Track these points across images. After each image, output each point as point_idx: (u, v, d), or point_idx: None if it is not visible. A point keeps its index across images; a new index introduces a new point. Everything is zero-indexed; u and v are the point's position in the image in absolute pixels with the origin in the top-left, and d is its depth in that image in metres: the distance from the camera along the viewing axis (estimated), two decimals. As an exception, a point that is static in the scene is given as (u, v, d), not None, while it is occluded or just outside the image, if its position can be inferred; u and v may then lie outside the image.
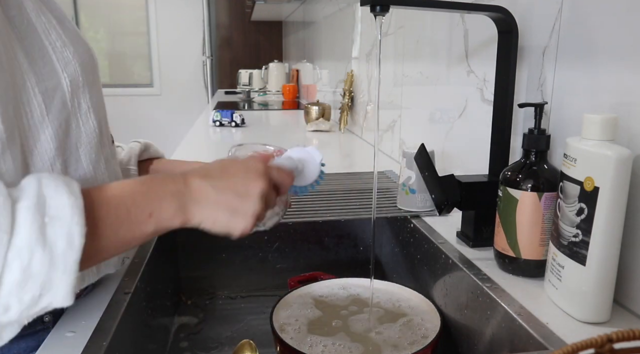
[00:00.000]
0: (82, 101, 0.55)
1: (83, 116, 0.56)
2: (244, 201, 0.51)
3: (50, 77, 0.52)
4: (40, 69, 0.51)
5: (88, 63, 0.56)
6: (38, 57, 0.51)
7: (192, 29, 4.81)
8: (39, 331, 0.56)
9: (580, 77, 0.65)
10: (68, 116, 0.54)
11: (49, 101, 0.52)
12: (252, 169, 0.53)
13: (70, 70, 0.53)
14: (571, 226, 0.55)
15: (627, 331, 0.31)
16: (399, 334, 0.66)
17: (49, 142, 0.52)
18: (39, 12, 0.52)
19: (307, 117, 2.06)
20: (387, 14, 0.64)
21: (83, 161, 0.56)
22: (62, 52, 0.53)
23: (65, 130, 0.54)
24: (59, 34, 0.53)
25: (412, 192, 0.93)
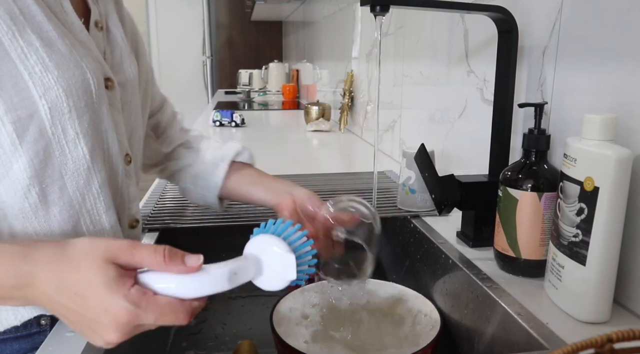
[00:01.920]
0: (69, 127, 0.52)
1: (70, 143, 0.53)
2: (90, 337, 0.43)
3: (24, 105, 0.49)
4: (11, 97, 0.48)
5: (79, 87, 0.53)
6: (9, 85, 0.48)
7: (192, 29, 4.82)
8: (34, 333, 0.56)
9: (580, 77, 0.65)
10: (47, 144, 0.51)
11: (22, 130, 0.49)
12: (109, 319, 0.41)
13: (50, 96, 0.50)
14: (571, 226, 0.55)
15: (627, 331, 0.31)
16: (398, 334, 0.66)
17: (23, 171, 0.50)
18: (17, 35, 0.48)
19: (307, 117, 2.06)
20: (387, 14, 0.64)
21: (69, 187, 0.54)
22: (42, 78, 0.49)
23: (43, 159, 0.51)
24: (41, 58, 0.49)
25: (412, 192, 0.93)
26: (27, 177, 0.51)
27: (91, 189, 0.56)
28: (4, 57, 0.48)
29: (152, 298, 0.41)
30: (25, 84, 0.49)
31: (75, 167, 0.54)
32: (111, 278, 0.40)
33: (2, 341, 0.56)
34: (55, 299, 0.42)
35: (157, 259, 0.41)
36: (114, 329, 0.41)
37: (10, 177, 0.50)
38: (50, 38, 0.51)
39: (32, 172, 0.51)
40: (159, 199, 1.04)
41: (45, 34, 0.50)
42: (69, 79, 0.51)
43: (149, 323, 0.42)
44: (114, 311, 0.40)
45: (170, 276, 0.42)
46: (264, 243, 0.46)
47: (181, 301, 0.42)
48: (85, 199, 0.56)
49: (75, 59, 0.53)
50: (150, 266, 0.42)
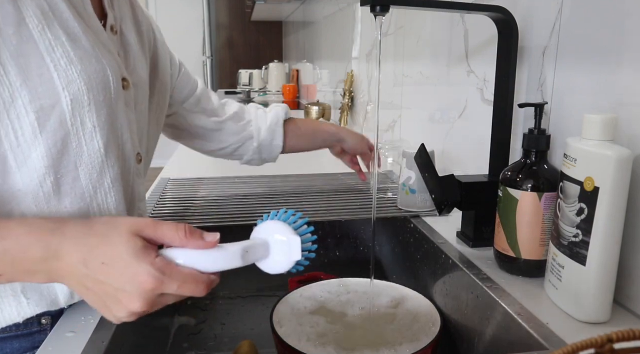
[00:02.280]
0: (87, 120, 0.54)
1: (87, 135, 0.55)
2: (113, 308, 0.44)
3: (48, 95, 0.51)
4: (36, 87, 0.50)
5: (99, 82, 0.55)
6: (35, 75, 0.50)
7: (192, 29, 4.82)
8: (35, 332, 0.56)
9: (580, 77, 0.65)
10: (66, 134, 0.53)
11: (44, 119, 0.51)
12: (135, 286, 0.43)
13: (73, 88, 0.52)
14: (571, 226, 0.55)
15: (627, 331, 0.31)
16: (398, 334, 0.66)
17: (41, 159, 0.52)
18: (46, 29, 0.50)
19: (307, 117, 2.06)
20: (387, 14, 0.64)
21: (82, 179, 0.55)
22: (66, 70, 0.52)
23: (61, 149, 0.53)
24: (66, 51, 0.52)
25: (412, 192, 0.93)
26: (43, 166, 0.52)
27: (103, 183, 0.58)
28: (33, 49, 0.50)
29: (175, 267, 0.44)
30: (50, 76, 0.51)
31: (90, 160, 0.56)
32: (138, 248, 0.43)
33: (3, 339, 0.56)
34: (81, 272, 0.43)
35: (178, 234, 0.44)
36: (138, 297, 0.42)
37: (28, 165, 0.52)
38: (76, 34, 0.53)
39: (49, 161, 0.52)
40: (159, 200, 1.04)
41: (71, 30, 0.53)
42: (90, 74, 0.54)
43: (171, 292, 0.43)
44: (140, 277, 0.42)
45: (190, 251, 0.45)
46: (270, 228, 0.49)
47: (201, 273, 0.45)
48: (97, 192, 0.57)
49: (97, 56, 0.55)
50: (171, 241, 0.45)
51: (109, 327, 0.56)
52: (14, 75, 0.49)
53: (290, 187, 1.12)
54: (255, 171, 1.26)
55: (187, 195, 1.06)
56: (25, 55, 0.49)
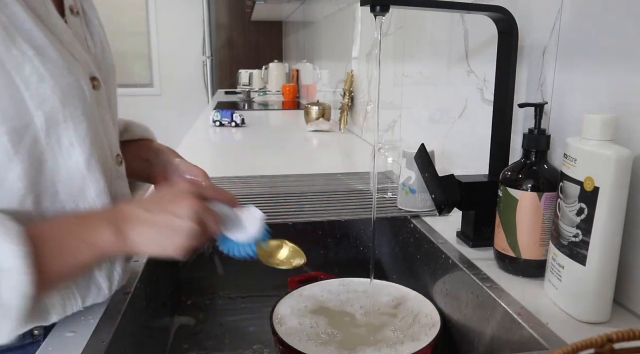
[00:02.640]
0: (63, 136, 0.52)
1: (64, 152, 0.52)
2: (177, 219, 0.52)
3: (19, 116, 0.48)
4: (7, 109, 0.47)
5: (74, 95, 0.52)
6: (5, 97, 0.47)
7: (192, 29, 4.81)
8: (27, 344, 0.55)
9: (580, 77, 0.65)
10: (42, 153, 0.51)
11: (17, 140, 0.48)
12: (181, 191, 0.55)
13: (46, 107, 0.49)
14: (571, 226, 0.55)
15: (627, 331, 0.31)
16: (399, 334, 0.66)
17: (18, 181, 0.50)
18: (10, 46, 0.47)
19: (307, 117, 2.06)
20: (387, 14, 0.64)
21: (61, 195, 0.53)
22: (38, 88, 0.48)
23: (37, 167, 0.51)
24: (36, 68, 0.48)
25: (412, 192, 0.93)
26: (22, 186, 0.50)
27: (85, 197, 0.55)
28: (0, 68, 0.46)
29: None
30: (21, 96, 0.48)
31: (68, 176, 0.53)
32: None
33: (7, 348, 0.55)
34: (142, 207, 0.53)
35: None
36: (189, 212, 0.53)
37: (5, 187, 0.49)
38: (42, 46, 0.50)
39: (27, 181, 0.50)
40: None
41: (36, 41, 0.49)
42: (63, 88, 0.51)
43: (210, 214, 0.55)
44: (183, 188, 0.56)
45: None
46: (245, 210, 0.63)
47: None
48: (78, 205, 0.55)
49: (68, 67, 0.52)
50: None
51: (109, 327, 0.56)
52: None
53: (290, 187, 1.12)
54: (255, 171, 1.26)
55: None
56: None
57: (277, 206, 0.99)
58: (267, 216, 0.79)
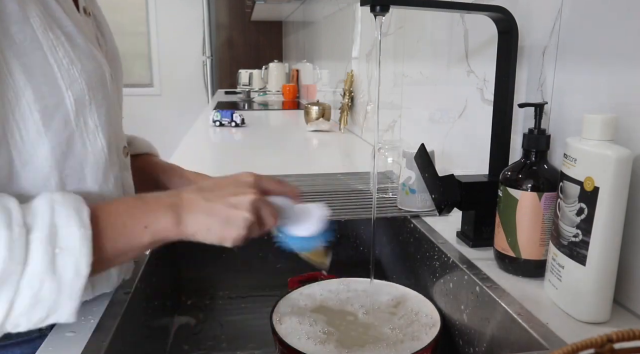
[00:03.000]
0: (90, 119, 0.54)
1: (90, 135, 0.54)
2: (234, 210, 0.54)
3: (52, 95, 0.50)
4: (40, 86, 0.50)
5: (97, 80, 0.55)
6: (39, 75, 0.50)
7: (192, 29, 4.81)
8: (35, 338, 0.55)
9: (580, 77, 0.65)
10: (71, 134, 0.53)
11: (48, 119, 0.51)
12: (242, 182, 0.57)
13: (76, 88, 0.52)
14: (571, 226, 0.55)
15: (627, 331, 0.31)
16: (398, 334, 0.66)
17: (44, 159, 0.51)
18: (47, 29, 0.50)
19: (307, 117, 2.06)
20: (387, 14, 0.64)
21: (88, 180, 0.55)
22: (69, 70, 0.51)
23: (65, 149, 0.53)
24: (67, 51, 0.52)
25: (412, 192, 0.93)
26: (47, 165, 0.52)
27: (108, 182, 0.58)
28: (38, 48, 0.49)
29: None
30: (54, 75, 0.51)
31: (95, 160, 0.56)
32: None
33: (3, 346, 0.56)
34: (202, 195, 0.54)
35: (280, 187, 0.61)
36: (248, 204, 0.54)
37: (32, 164, 0.51)
38: (71, 33, 0.53)
39: (53, 161, 0.52)
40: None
41: (67, 29, 0.53)
42: (89, 73, 0.54)
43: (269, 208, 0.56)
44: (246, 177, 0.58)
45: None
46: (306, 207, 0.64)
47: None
48: (102, 192, 0.57)
49: (92, 54, 0.55)
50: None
51: (109, 327, 0.56)
52: (18, 74, 0.48)
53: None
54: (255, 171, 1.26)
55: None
56: (29, 55, 0.49)
57: (277, 206, 0.99)
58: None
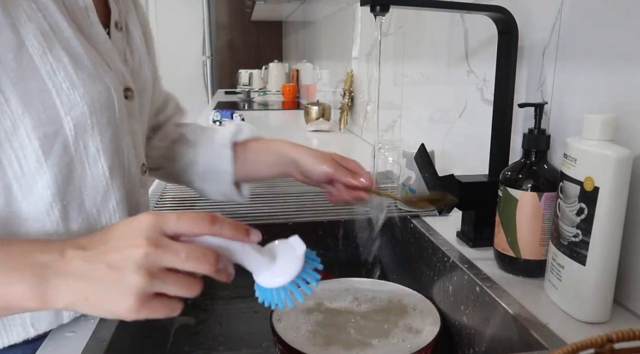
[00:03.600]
0: (91, 144, 0.52)
1: (90, 160, 0.53)
2: (116, 274, 0.40)
3: (50, 122, 0.49)
4: (39, 113, 0.48)
5: (103, 104, 0.53)
6: (37, 102, 0.48)
7: (192, 29, 4.81)
8: (36, 339, 0.55)
9: (580, 77, 0.65)
10: (71, 160, 0.51)
11: (48, 147, 0.49)
12: (132, 229, 0.41)
13: (75, 113, 0.50)
14: (571, 226, 0.55)
15: (627, 331, 0.31)
16: (399, 335, 0.66)
17: (47, 188, 0.50)
18: (47, 51, 0.48)
19: (307, 117, 2.06)
20: (387, 14, 0.64)
21: (87, 205, 0.54)
22: (69, 95, 0.49)
23: (66, 175, 0.51)
24: (69, 74, 0.49)
25: (412, 192, 0.93)
26: (50, 194, 0.50)
27: (108, 205, 0.56)
28: (34, 73, 0.48)
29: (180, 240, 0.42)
30: (53, 101, 0.49)
31: (94, 184, 0.54)
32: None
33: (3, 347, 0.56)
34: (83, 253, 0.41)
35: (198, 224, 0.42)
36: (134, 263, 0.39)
37: (34, 194, 0.50)
38: (78, 54, 0.51)
39: (56, 189, 0.51)
40: (159, 200, 1.04)
41: (73, 49, 0.50)
42: (93, 96, 0.52)
43: (176, 257, 0.40)
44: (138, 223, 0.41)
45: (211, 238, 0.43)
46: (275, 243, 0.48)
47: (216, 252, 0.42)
48: (101, 215, 0.56)
49: (100, 76, 0.53)
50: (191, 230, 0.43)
51: (109, 327, 0.56)
52: (15, 103, 0.47)
53: (290, 187, 1.12)
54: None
55: (186, 196, 1.06)
56: (26, 81, 0.47)
57: (277, 206, 0.99)
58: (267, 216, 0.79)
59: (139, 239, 0.40)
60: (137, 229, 0.41)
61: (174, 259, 0.41)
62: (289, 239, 0.48)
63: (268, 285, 0.46)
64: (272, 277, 0.46)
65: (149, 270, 0.40)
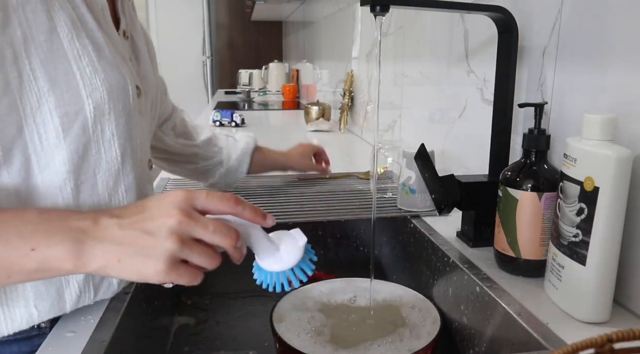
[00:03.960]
0: (107, 128, 0.55)
1: (105, 143, 0.56)
2: (150, 239, 0.44)
3: (73, 102, 0.52)
4: (63, 93, 0.51)
5: (119, 91, 0.56)
6: (62, 82, 0.51)
7: (192, 29, 4.81)
8: (34, 336, 0.56)
9: (580, 77, 0.65)
10: (88, 141, 0.54)
11: (68, 125, 0.52)
12: (166, 202, 0.46)
13: (96, 96, 0.53)
14: (571, 226, 0.55)
15: (627, 331, 0.31)
16: (398, 335, 0.66)
17: (63, 164, 0.52)
18: (74, 38, 0.52)
19: (307, 117, 2.06)
20: (387, 14, 0.64)
21: (99, 187, 0.56)
22: (91, 79, 0.53)
23: (82, 155, 0.54)
24: (92, 60, 0.53)
25: (412, 192, 0.93)
26: (64, 171, 0.53)
27: (118, 191, 0.58)
28: (63, 56, 0.51)
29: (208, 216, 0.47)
30: (77, 83, 0.52)
31: (107, 167, 0.57)
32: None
33: (1, 343, 0.56)
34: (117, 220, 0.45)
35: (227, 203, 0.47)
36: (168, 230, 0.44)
37: (50, 169, 0.52)
38: (100, 44, 0.55)
39: (70, 166, 0.53)
40: (159, 199, 1.04)
41: (96, 39, 0.55)
42: (112, 83, 0.55)
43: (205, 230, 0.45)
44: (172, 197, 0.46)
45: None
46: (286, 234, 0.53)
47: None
48: (111, 200, 0.58)
49: (117, 66, 0.56)
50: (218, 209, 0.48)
51: (109, 327, 0.56)
52: (42, 81, 0.50)
53: (290, 187, 1.12)
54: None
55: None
56: (54, 63, 0.51)
57: (277, 206, 0.99)
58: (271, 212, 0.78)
59: (173, 210, 0.45)
60: (171, 202, 0.46)
61: (203, 231, 0.45)
62: (291, 231, 0.53)
63: (270, 269, 0.51)
64: (275, 262, 0.51)
65: (180, 237, 0.44)
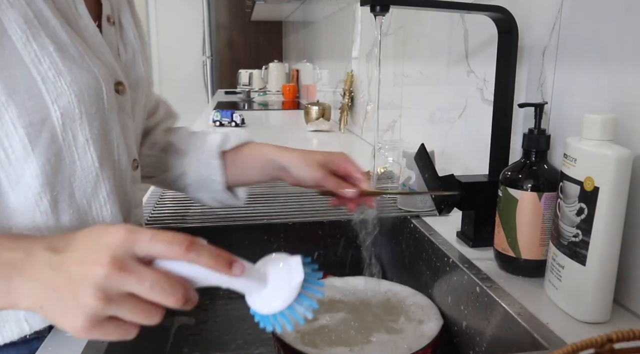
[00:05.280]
0: (79, 134, 0.52)
1: (79, 150, 0.52)
2: (72, 290, 0.37)
3: (37, 110, 0.48)
4: (24, 102, 0.47)
5: (91, 93, 0.52)
6: (22, 90, 0.47)
7: (192, 29, 4.81)
8: (32, 339, 0.55)
9: (580, 77, 0.65)
10: (59, 150, 0.51)
11: (34, 136, 0.49)
12: (101, 243, 0.38)
13: (63, 102, 0.49)
14: (571, 226, 0.55)
15: (627, 331, 0.31)
16: (399, 334, 0.66)
17: (35, 178, 0.50)
18: (30, 39, 0.47)
19: (307, 117, 2.06)
20: (387, 14, 0.64)
21: (77, 195, 0.54)
22: (55, 83, 0.49)
23: (54, 166, 0.51)
24: (54, 62, 0.49)
25: (412, 192, 0.93)
26: (38, 184, 0.50)
27: (98, 197, 0.56)
28: (18, 61, 0.47)
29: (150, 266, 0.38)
30: (39, 89, 0.48)
31: (84, 175, 0.54)
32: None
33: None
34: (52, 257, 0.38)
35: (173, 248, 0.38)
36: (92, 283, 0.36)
37: (22, 185, 0.49)
38: (64, 43, 0.50)
39: (44, 179, 0.50)
40: (159, 200, 1.04)
41: (58, 38, 0.50)
42: (81, 85, 0.51)
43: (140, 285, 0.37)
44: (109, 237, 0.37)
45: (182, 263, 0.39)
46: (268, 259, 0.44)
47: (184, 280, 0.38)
48: (91, 207, 0.56)
49: (87, 65, 0.52)
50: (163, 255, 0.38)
51: (109, 327, 0.56)
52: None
53: (290, 187, 1.12)
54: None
55: (186, 196, 1.06)
56: (9, 69, 0.46)
57: (277, 206, 0.99)
58: (267, 216, 0.78)
59: (104, 257, 0.36)
60: (105, 244, 0.37)
61: (136, 287, 0.37)
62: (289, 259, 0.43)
63: (262, 311, 0.41)
64: (261, 303, 0.41)
65: (106, 293, 0.37)
